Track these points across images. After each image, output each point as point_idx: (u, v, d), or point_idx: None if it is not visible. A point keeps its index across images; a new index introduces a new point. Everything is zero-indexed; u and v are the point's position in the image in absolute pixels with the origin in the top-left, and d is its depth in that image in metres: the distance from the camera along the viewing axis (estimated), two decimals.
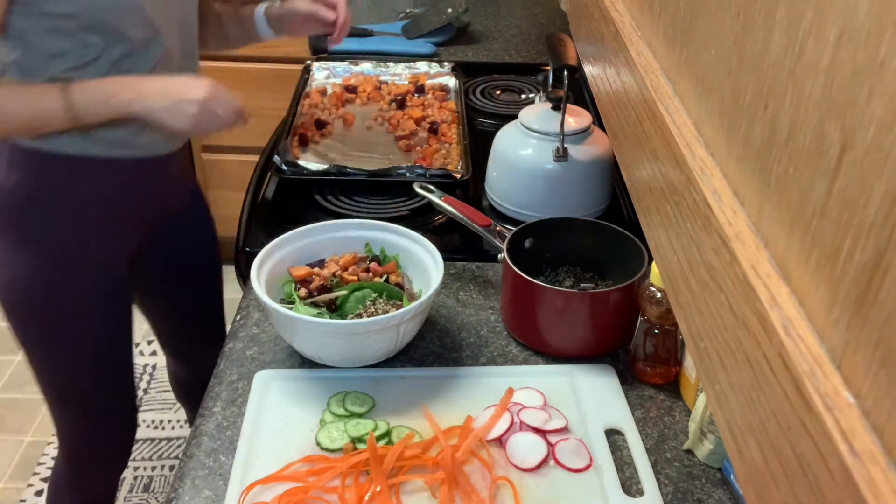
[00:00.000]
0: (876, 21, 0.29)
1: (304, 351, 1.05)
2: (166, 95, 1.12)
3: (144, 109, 1.12)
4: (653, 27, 0.64)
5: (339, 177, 1.40)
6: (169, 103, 1.12)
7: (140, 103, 1.11)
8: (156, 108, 1.12)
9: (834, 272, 0.32)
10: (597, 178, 1.33)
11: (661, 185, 0.54)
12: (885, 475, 0.27)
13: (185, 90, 1.13)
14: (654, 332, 1.03)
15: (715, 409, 0.42)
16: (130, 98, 1.11)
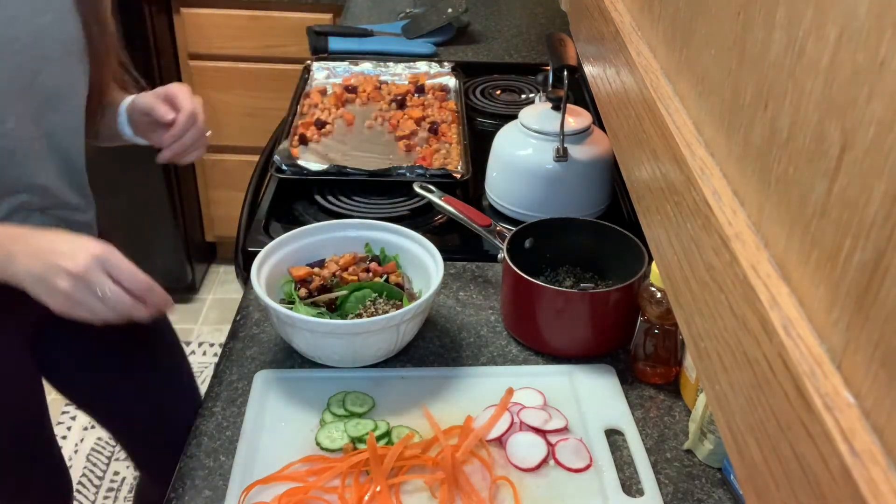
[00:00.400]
0: (876, 21, 0.29)
1: (304, 351, 1.05)
2: (39, 258, 0.87)
3: (10, 276, 0.88)
4: (653, 27, 0.64)
5: (339, 177, 1.40)
6: (39, 270, 0.87)
7: (7, 267, 0.88)
8: (23, 273, 0.87)
9: (834, 272, 0.32)
10: (597, 178, 1.33)
11: (661, 185, 0.54)
12: (885, 475, 0.27)
13: (59, 255, 0.87)
14: (654, 332, 1.03)
15: (715, 409, 0.42)
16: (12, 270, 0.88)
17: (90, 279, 0.87)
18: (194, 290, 2.78)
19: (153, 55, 2.34)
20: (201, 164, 2.65)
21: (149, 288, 0.91)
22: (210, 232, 2.78)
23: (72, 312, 0.88)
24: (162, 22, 2.38)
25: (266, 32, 2.42)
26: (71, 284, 0.86)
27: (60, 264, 0.86)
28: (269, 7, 2.39)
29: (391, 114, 1.63)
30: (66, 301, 0.87)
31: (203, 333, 2.64)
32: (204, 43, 2.44)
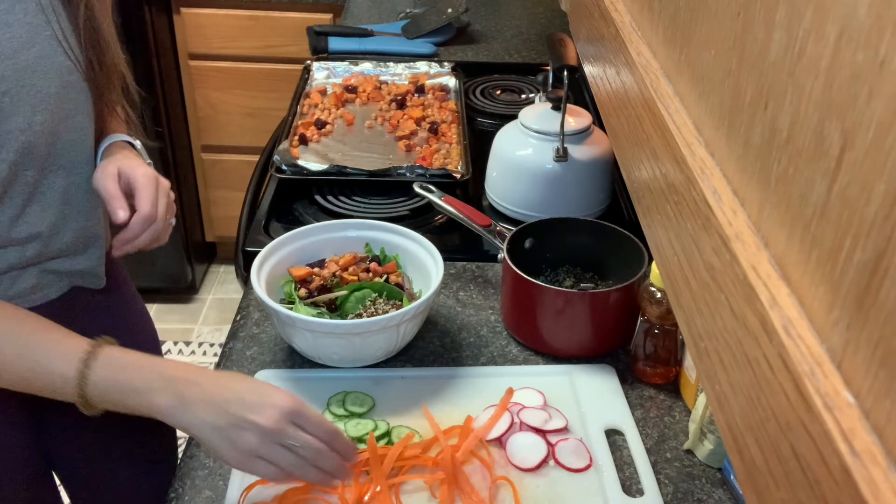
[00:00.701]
0: (876, 21, 0.29)
1: (304, 351, 1.05)
2: (222, 410, 0.78)
3: (183, 424, 0.79)
4: (653, 27, 0.64)
5: (339, 177, 1.40)
6: (224, 423, 0.77)
7: (181, 415, 0.79)
8: (200, 424, 0.78)
9: (834, 272, 0.32)
10: (597, 178, 1.33)
11: (661, 185, 0.54)
12: (885, 475, 0.27)
13: (247, 408, 0.78)
14: (654, 332, 1.03)
15: (715, 409, 0.42)
16: (168, 403, 0.79)
17: (282, 434, 0.78)
18: (194, 290, 2.78)
19: (153, 55, 2.34)
20: (201, 164, 2.65)
21: (336, 436, 0.82)
22: (210, 232, 2.78)
23: (250, 468, 0.79)
24: (162, 22, 2.38)
25: (266, 32, 2.42)
26: (260, 440, 0.77)
27: (250, 418, 0.77)
28: (269, 7, 2.39)
29: (391, 114, 1.63)
30: (248, 457, 0.78)
31: (203, 333, 2.64)
32: (204, 43, 2.44)
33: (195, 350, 2.56)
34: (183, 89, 2.52)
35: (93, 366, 0.80)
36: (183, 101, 2.53)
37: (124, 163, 0.98)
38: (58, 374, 0.80)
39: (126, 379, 0.80)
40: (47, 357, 0.81)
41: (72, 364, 0.80)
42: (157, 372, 0.81)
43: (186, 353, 2.54)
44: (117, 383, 0.80)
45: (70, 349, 0.81)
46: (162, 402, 0.79)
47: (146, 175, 0.98)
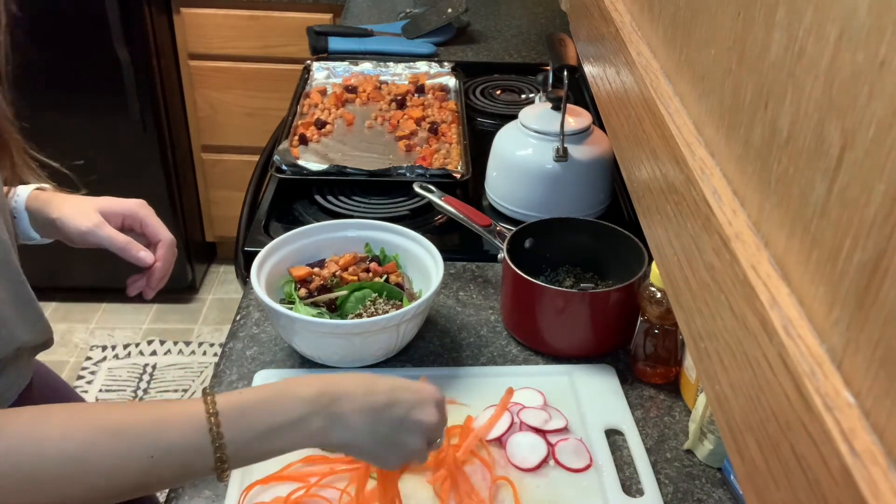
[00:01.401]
0: (876, 21, 0.29)
1: (304, 351, 1.05)
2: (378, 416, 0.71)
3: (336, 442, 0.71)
4: (653, 27, 0.64)
5: (339, 177, 1.40)
6: (385, 429, 0.71)
7: (333, 434, 0.70)
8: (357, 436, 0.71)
9: (834, 272, 0.32)
10: (597, 178, 1.33)
11: (661, 185, 0.54)
12: (885, 475, 0.27)
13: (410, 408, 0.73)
14: (654, 332, 1.03)
15: (715, 409, 0.42)
16: (320, 426, 0.69)
17: (442, 426, 0.76)
18: (194, 290, 2.78)
19: (153, 55, 2.34)
20: (201, 164, 2.65)
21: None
22: (210, 232, 2.78)
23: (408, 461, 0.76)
24: (162, 22, 2.38)
25: (266, 32, 2.42)
26: (428, 437, 0.75)
27: (415, 418, 0.72)
28: (269, 7, 2.39)
29: (391, 114, 1.63)
30: (413, 454, 0.74)
31: (203, 333, 2.64)
32: (204, 43, 2.44)
33: (195, 350, 2.56)
34: (183, 89, 2.52)
35: (221, 425, 0.66)
36: (183, 101, 2.53)
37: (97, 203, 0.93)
38: (189, 447, 0.66)
39: (265, 419, 0.68)
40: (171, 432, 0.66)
41: (199, 430, 0.66)
42: (293, 397, 0.69)
43: (186, 353, 2.54)
44: (254, 430, 0.68)
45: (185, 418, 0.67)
46: (313, 428, 0.69)
47: (140, 205, 0.94)
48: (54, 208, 0.91)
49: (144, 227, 0.94)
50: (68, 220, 0.91)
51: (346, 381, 0.73)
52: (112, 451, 0.64)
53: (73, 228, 0.90)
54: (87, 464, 0.63)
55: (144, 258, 0.92)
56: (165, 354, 2.53)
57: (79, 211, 0.91)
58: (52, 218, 0.91)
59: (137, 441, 0.65)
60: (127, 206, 0.94)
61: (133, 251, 0.91)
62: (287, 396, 0.70)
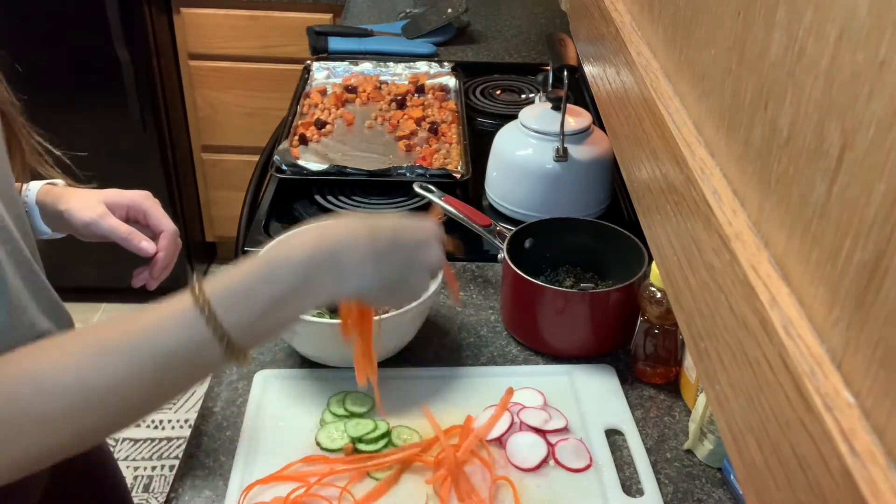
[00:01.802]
0: (876, 21, 0.29)
1: (304, 351, 1.05)
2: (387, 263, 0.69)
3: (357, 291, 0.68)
4: (653, 27, 0.64)
5: (339, 177, 1.40)
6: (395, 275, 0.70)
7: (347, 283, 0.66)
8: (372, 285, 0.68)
9: (834, 272, 0.32)
10: (597, 178, 1.33)
11: (661, 185, 0.54)
12: (885, 475, 0.27)
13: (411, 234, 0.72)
14: (654, 332, 1.03)
15: (715, 409, 0.42)
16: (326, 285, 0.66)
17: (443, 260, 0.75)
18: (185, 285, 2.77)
19: (153, 55, 2.34)
20: (201, 164, 2.65)
21: None
22: (210, 232, 2.78)
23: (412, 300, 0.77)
24: (162, 22, 2.38)
25: (266, 32, 2.42)
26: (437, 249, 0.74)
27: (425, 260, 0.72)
28: (269, 7, 2.39)
29: (391, 114, 1.63)
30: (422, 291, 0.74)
31: None
32: (204, 43, 2.44)
33: None
34: (183, 89, 2.52)
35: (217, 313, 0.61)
36: (183, 101, 2.53)
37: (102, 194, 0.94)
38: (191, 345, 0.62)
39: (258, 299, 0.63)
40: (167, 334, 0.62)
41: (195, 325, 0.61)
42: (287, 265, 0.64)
43: None
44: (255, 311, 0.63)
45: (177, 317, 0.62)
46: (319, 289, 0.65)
47: (144, 196, 0.95)
48: (62, 201, 0.92)
49: (148, 218, 0.95)
50: (74, 212, 0.91)
51: (341, 231, 0.68)
52: (111, 371, 0.60)
53: (78, 220, 0.91)
54: (91, 390, 0.60)
55: (146, 248, 0.92)
56: None
57: (84, 203, 0.92)
58: (59, 210, 0.92)
59: (135, 354, 0.61)
60: (131, 198, 0.95)
61: (135, 241, 0.91)
62: (280, 265, 0.65)
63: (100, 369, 0.60)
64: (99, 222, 0.91)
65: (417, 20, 2.08)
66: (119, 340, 0.61)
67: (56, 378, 0.59)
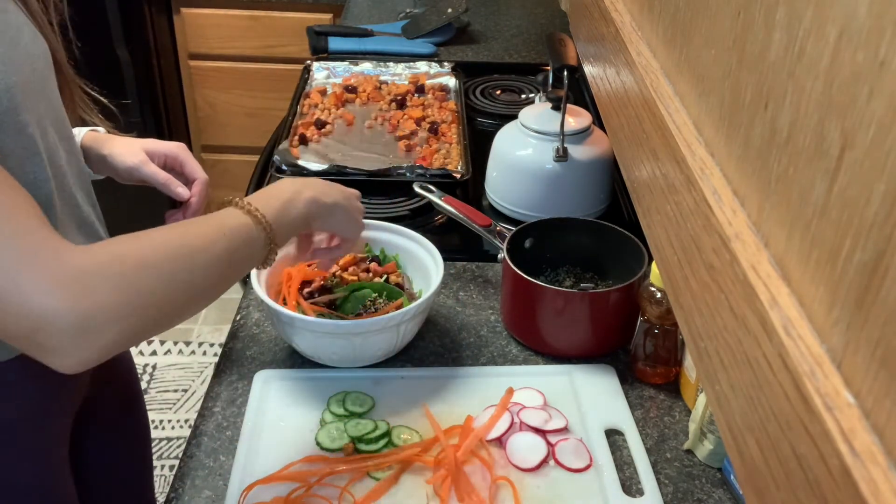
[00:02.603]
0: (876, 21, 0.29)
1: (304, 351, 1.05)
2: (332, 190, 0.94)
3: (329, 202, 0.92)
4: (653, 27, 0.64)
5: (339, 177, 1.40)
6: (341, 198, 0.95)
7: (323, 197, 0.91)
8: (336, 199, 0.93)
9: (834, 272, 0.32)
10: (597, 178, 1.33)
11: (661, 185, 0.54)
12: (885, 475, 0.27)
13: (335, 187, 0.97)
14: (654, 332, 1.03)
15: (715, 409, 0.42)
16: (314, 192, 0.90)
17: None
18: None
19: (153, 55, 2.35)
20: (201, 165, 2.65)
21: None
22: None
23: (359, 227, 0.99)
24: (162, 22, 2.38)
25: (266, 32, 2.42)
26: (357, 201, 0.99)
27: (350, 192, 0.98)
28: (269, 7, 2.39)
29: (391, 114, 1.63)
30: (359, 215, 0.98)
31: (203, 333, 2.64)
32: (204, 43, 2.44)
33: (195, 350, 2.56)
34: (183, 89, 2.52)
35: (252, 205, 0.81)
36: (183, 101, 2.53)
37: (142, 142, 1.04)
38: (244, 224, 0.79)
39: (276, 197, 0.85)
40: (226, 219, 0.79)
41: (243, 215, 0.80)
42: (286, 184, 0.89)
43: (186, 353, 2.54)
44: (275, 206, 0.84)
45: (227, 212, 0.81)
46: (310, 194, 0.89)
47: (180, 147, 1.06)
48: (106, 146, 1.02)
49: (184, 167, 1.06)
50: (117, 157, 1.01)
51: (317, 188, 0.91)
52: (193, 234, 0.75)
53: (120, 164, 1.01)
54: (187, 247, 0.73)
55: (182, 193, 1.04)
56: (165, 354, 2.53)
57: (126, 149, 1.02)
58: (103, 154, 1.02)
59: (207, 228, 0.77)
60: (168, 148, 1.05)
61: (172, 186, 1.03)
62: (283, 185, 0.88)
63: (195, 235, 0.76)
64: (141, 167, 1.01)
65: (417, 20, 2.08)
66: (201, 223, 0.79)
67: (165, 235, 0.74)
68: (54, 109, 0.87)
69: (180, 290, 0.72)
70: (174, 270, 0.71)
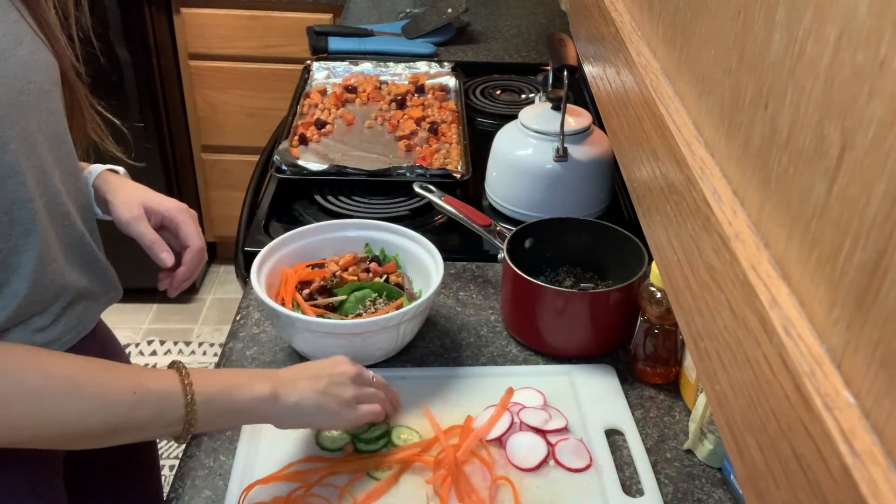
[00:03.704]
0: (876, 21, 0.29)
1: (304, 351, 1.05)
2: (313, 377, 0.86)
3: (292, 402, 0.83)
4: (653, 27, 0.64)
5: (339, 177, 1.40)
6: (323, 385, 0.86)
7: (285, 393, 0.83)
8: (305, 395, 0.84)
9: (834, 272, 0.32)
10: (597, 178, 1.33)
11: (661, 185, 0.54)
12: (885, 475, 0.27)
13: (329, 367, 0.89)
14: (654, 332, 1.03)
15: (715, 409, 0.42)
16: (273, 386, 0.82)
17: (364, 374, 0.91)
18: (194, 290, 2.78)
19: (153, 55, 2.34)
20: (201, 164, 2.65)
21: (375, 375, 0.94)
22: (210, 232, 2.78)
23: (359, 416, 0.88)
24: (162, 22, 2.38)
25: (266, 32, 2.42)
26: (354, 386, 0.88)
27: (338, 371, 0.88)
28: (269, 7, 2.39)
29: (391, 114, 1.63)
30: (353, 406, 0.87)
31: (203, 333, 2.64)
32: (204, 43, 2.44)
33: (195, 350, 2.56)
34: (183, 89, 2.52)
35: (190, 377, 0.78)
36: (183, 101, 2.53)
37: (144, 197, 1.00)
38: (164, 392, 0.76)
39: (224, 379, 0.82)
40: (150, 378, 0.77)
41: (173, 380, 0.77)
42: (245, 371, 0.88)
43: (186, 353, 2.54)
44: (217, 385, 0.80)
45: (160, 371, 0.79)
46: (266, 389, 0.82)
47: (180, 209, 1.01)
48: (110, 192, 0.99)
49: (178, 231, 1.00)
50: (116, 207, 0.98)
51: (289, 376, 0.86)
52: (101, 380, 0.75)
53: (117, 215, 0.98)
54: (80, 387, 0.73)
55: (165, 259, 0.99)
56: (165, 354, 2.53)
57: (126, 201, 0.99)
58: (106, 199, 0.99)
59: (123, 378, 0.76)
60: (167, 207, 1.00)
61: (157, 251, 0.98)
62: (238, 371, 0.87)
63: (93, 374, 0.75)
64: (132, 224, 0.97)
65: (417, 20, 2.08)
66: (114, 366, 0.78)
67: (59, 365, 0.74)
68: (52, 126, 0.83)
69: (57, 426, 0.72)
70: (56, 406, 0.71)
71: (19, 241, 0.78)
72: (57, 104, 0.85)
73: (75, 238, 0.88)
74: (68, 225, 0.86)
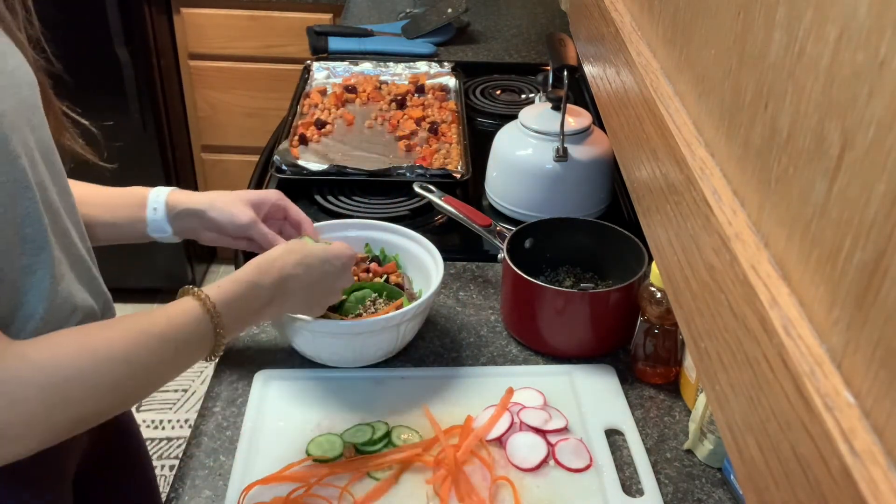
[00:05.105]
0: (876, 21, 0.29)
1: (304, 351, 1.05)
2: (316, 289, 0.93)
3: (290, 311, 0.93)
4: (653, 27, 0.64)
5: (339, 177, 1.40)
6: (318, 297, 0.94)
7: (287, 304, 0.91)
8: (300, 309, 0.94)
9: (834, 272, 0.32)
10: (597, 178, 1.33)
11: (661, 185, 0.54)
12: (885, 475, 0.27)
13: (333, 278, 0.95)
14: (654, 332, 1.03)
15: (715, 409, 0.42)
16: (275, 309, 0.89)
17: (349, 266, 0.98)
18: None
19: (153, 55, 2.34)
20: (201, 164, 2.65)
21: None
22: None
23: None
24: (162, 22, 2.38)
25: (266, 32, 2.42)
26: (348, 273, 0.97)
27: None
28: (269, 7, 2.39)
29: (391, 114, 1.63)
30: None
31: None
32: (204, 43, 2.44)
33: None
34: (183, 89, 2.52)
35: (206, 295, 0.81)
36: (183, 101, 2.53)
37: (242, 197, 1.04)
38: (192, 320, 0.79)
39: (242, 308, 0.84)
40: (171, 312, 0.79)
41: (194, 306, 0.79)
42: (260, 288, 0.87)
43: None
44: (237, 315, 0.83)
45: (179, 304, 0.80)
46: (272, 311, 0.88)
47: (278, 195, 1.07)
48: (197, 200, 1.01)
49: (288, 214, 1.07)
50: (223, 210, 1.01)
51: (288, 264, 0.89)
52: (148, 352, 0.75)
53: (227, 219, 1.00)
54: (134, 365, 0.73)
55: None
56: None
57: (229, 202, 1.02)
58: (197, 209, 1.00)
59: (163, 337, 0.77)
60: (266, 196, 1.05)
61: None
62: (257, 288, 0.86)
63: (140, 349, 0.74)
64: (254, 226, 1.01)
65: (417, 20, 2.08)
66: (151, 325, 0.77)
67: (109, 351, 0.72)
68: (43, 141, 0.81)
69: (114, 397, 0.73)
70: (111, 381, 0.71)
71: (31, 260, 0.76)
72: (43, 119, 0.82)
73: (76, 256, 0.86)
74: (69, 243, 0.84)
